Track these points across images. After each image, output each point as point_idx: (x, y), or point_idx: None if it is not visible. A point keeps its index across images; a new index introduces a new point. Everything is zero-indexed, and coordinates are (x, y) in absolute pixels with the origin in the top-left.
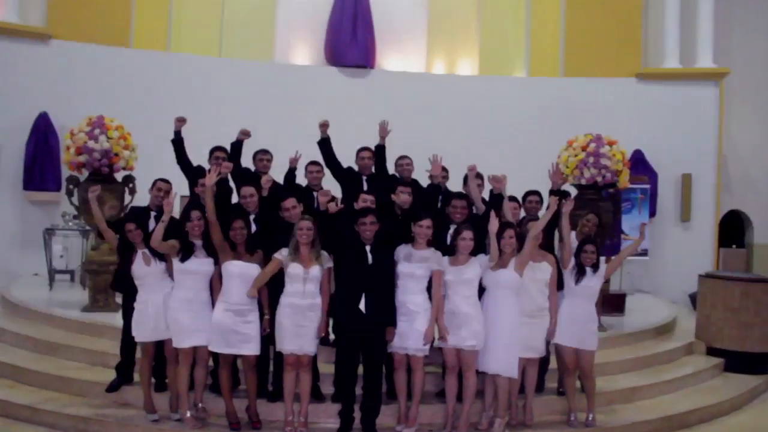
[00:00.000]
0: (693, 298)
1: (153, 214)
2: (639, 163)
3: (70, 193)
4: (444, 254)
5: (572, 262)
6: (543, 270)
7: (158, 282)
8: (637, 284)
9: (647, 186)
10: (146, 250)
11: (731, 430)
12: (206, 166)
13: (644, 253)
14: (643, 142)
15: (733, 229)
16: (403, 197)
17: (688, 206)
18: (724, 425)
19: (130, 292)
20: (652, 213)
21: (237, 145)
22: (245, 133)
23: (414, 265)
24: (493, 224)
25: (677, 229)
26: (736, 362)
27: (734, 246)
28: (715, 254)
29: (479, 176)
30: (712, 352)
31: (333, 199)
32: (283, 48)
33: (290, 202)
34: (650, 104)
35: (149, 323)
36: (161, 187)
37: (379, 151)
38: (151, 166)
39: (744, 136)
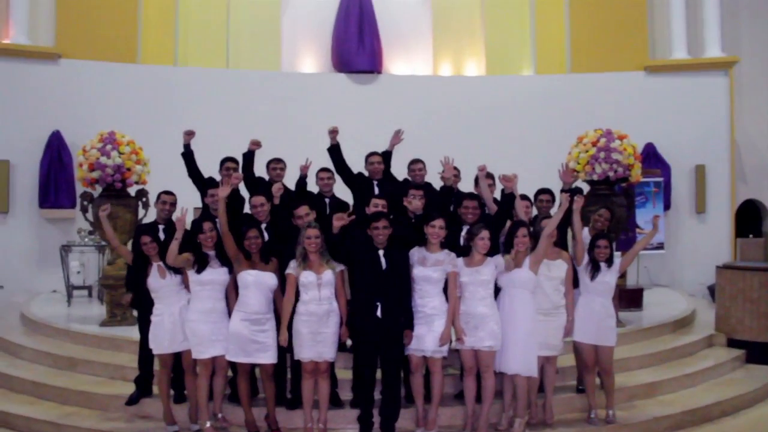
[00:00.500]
0: (711, 290)
1: (161, 227)
2: (651, 156)
3: (84, 210)
4: (457, 255)
5: (586, 258)
6: (558, 267)
7: (174, 294)
8: (654, 278)
9: (660, 179)
10: (161, 263)
11: (756, 422)
12: (217, 177)
13: (660, 246)
14: (655, 135)
15: (749, 218)
16: (415, 204)
17: (703, 197)
18: (748, 417)
19: (145, 306)
20: (667, 206)
21: (248, 156)
22: (256, 144)
23: (429, 269)
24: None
25: (693, 221)
26: (758, 353)
27: (751, 236)
28: (732, 245)
29: (490, 176)
30: (732, 344)
31: (349, 216)
32: (290, 57)
33: (303, 209)
34: (660, 96)
35: (166, 335)
36: (166, 200)
37: (385, 157)
38: (163, 180)
39: (757, 125)
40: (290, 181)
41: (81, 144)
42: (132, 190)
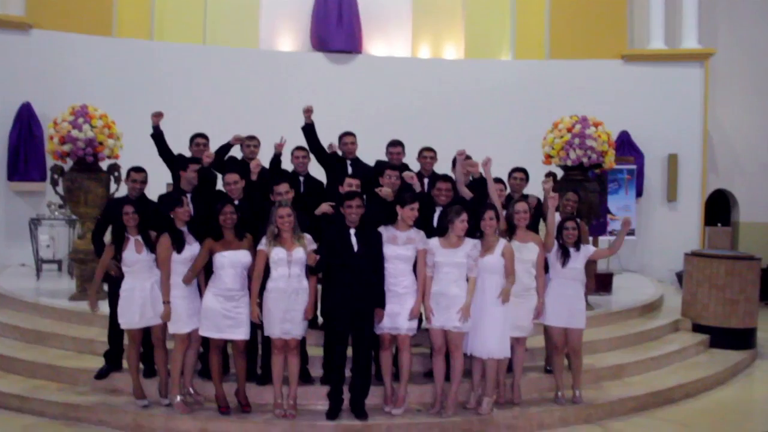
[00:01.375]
0: (680, 277)
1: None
2: (625, 144)
3: (54, 183)
4: (429, 236)
5: (555, 245)
6: (530, 250)
7: (147, 270)
8: (624, 264)
9: (634, 167)
10: (139, 237)
11: (716, 405)
12: (188, 153)
13: (631, 233)
14: (630, 123)
15: (719, 208)
16: (385, 191)
17: (675, 186)
18: (710, 399)
19: (116, 280)
20: (639, 193)
21: (225, 147)
22: (238, 140)
23: (401, 247)
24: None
25: (664, 209)
26: (721, 338)
27: (719, 224)
28: (701, 233)
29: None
30: (697, 328)
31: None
32: (269, 35)
33: (283, 187)
34: (636, 85)
35: (136, 310)
36: (136, 178)
37: (307, 131)
38: (136, 154)
39: (729, 116)
40: (266, 159)
41: (52, 116)
42: (104, 165)
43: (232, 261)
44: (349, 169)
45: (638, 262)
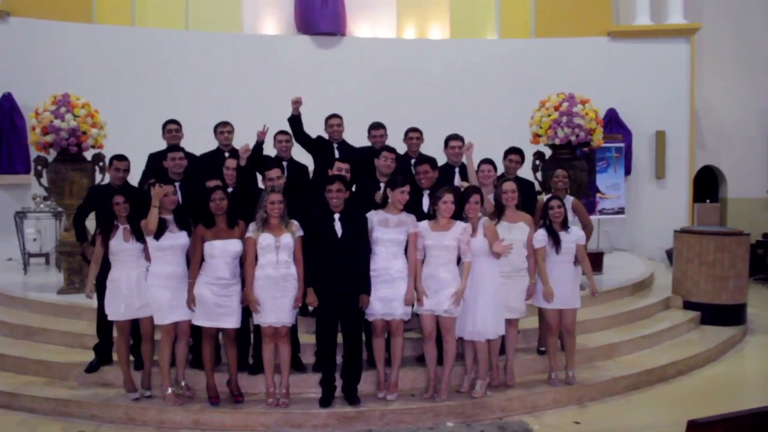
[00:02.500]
0: (669, 254)
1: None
2: (613, 122)
3: (38, 175)
4: (420, 219)
5: (543, 231)
6: (520, 230)
7: (134, 260)
8: (614, 242)
9: (622, 144)
10: (128, 227)
11: (708, 381)
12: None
13: (621, 211)
14: (617, 100)
15: (707, 184)
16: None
17: (663, 163)
18: (701, 376)
19: (104, 271)
20: (628, 171)
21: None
22: (264, 134)
23: (394, 230)
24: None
25: (652, 186)
26: (712, 315)
27: (708, 201)
28: (690, 210)
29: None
30: (688, 306)
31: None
32: (252, 18)
33: (275, 172)
34: (622, 62)
35: (122, 301)
36: (119, 167)
37: (293, 122)
38: (120, 143)
39: (716, 92)
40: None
41: (34, 106)
42: (88, 155)
43: (222, 250)
44: (336, 153)
45: (628, 241)
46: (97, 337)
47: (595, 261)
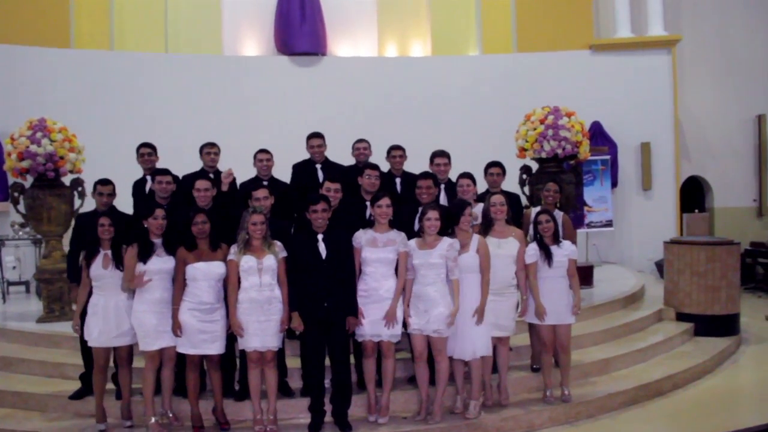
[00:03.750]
0: (659, 266)
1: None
2: (598, 135)
3: (15, 201)
4: (411, 238)
5: (535, 246)
6: (509, 245)
7: (114, 287)
8: (603, 256)
9: (608, 157)
10: (109, 252)
11: (705, 394)
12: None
13: (609, 224)
14: (601, 113)
15: (693, 195)
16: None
17: (649, 175)
18: (698, 389)
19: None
20: (614, 183)
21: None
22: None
23: (382, 250)
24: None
25: (639, 198)
26: (705, 326)
27: (696, 211)
28: (677, 221)
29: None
30: (681, 317)
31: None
32: (232, 40)
33: (262, 192)
34: (605, 75)
35: (96, 328)
36: (102, 191)
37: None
38: (100, 168)
39: (699, 103)
40: (230, 165)
41: (9, 132)
42: (66, 180)
43: (205, 273)
44: (320, 173)
45: (617, 254)
46: (84, 366)
47: (585, 275)
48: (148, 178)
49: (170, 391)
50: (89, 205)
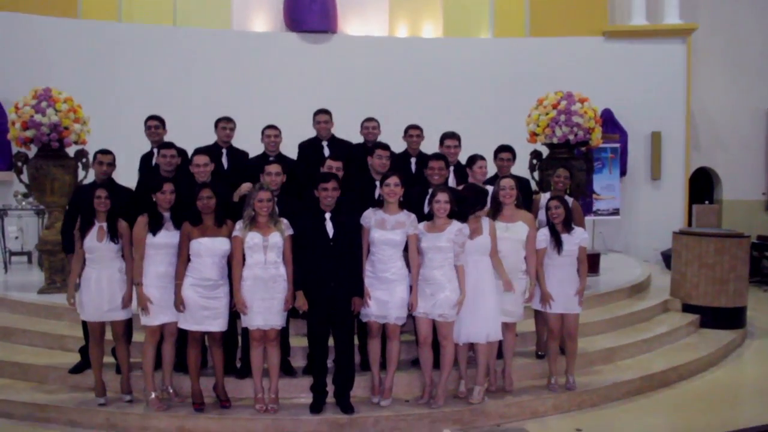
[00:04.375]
0: (665, 256)
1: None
2: (608, 122)
3: (18, 171)
4: (422, 221)
5: (546, 232)
6: (517, 229)
7: (107, 260)
8: (609, 244)
9: (617, 145)
10: (104, 225)
11: (710, 386)
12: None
13: (616, 212)
14: (612, 100)
15: (701, 186)
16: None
17: (658, 164)
18: (703, 381)
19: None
20: (623, 172)
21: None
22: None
23: (390, 232)
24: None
25: (648, 188)
26: (712, 318)
27: (707, 202)
28: (685, 211)
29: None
30: (687, 309)
31: None
32: (241, 15)
33: (275, 167)
34: (618, 62)
35: (90, 302)
36: (103, 160)
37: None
38: (104, 140)
39: (711, 93)
40: (240, 142)
41: (14, 101)
42: (71, 151)
43: (209, 248)
44: (326, 150)
45: (622, 242)
46: (84, 339)
47: (592, 263)
48: (155, 151)
49: (171, 366)
50: (93, 177)
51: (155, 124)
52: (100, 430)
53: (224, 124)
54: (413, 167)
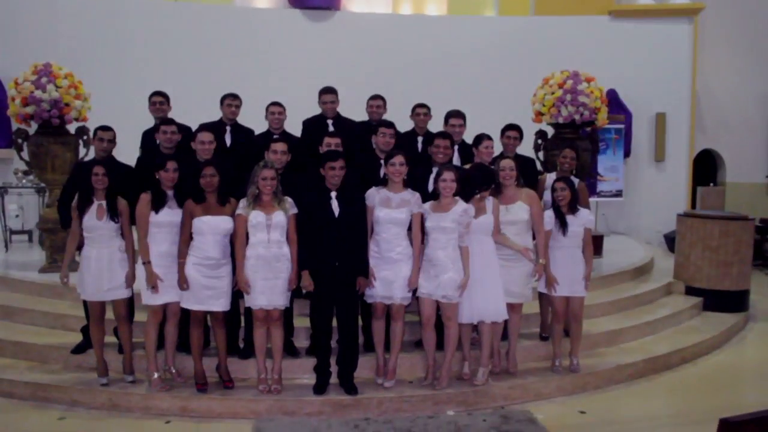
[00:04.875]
0: (667, 238)
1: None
2: (613, 103)
3: (19, 148)
4: (426, 200)
5: (551, 215)
6: (517, 210)
7: (106, 239)
8: (612, 226)
9: (621, 126)
10: (103, 203)
11: (713, 370)
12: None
13: (619, 194)
14: (617, 81)
15: (705, 168)
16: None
17: (662, 146)
18: (707, 364)
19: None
20: (627, 153)
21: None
22: None
23: (395, 211)
24: None
25: (651, 169)
26: (715, 301)
27: (712, 184)
28: (689, 194)
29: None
30: (690, 291)
31: None
32: None
33: (280, 146)
34: (623, 42)
35: (91, 282)
36: (103, 137)
37: None
38: (106, 117)
39: (716, 75)
40: (245, 119)
41: (14, 77)
42: (72, 128)
43: (211, 227)
44: (330, 128)
45: (625, 224)
46: (86, 318)
47: (596, 244)
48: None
49: (173, 346)
50: (94, 154)
51: (160, 100)
52: (102, 410)
53: (230, 101)
54: (419, 146)
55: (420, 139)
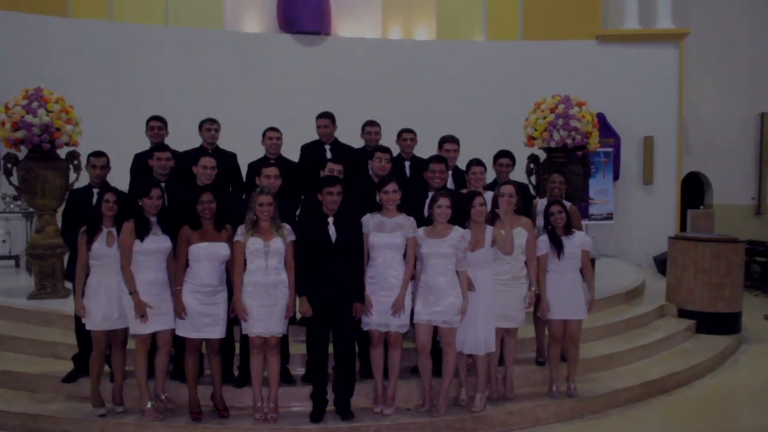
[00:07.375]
0: (657, 261)
1: (95, 191)
2: (601, 126)
3: (8, 173)
4: (421, 225)
5: (545, 237)
6: (518, 235)
7: (115, 266)
8: (601, 249)
9: (610, 149)
10: (113, 230)
11: (709, 393)
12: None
13: (609, 216)
14: (605, 105)
15: (692, 191)
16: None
17: (651, 169)
18: (702, 387)
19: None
20: (616, 176)
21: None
22: None
23: (389, 235)
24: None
25: (640, 192)
26: (708, 323)
27: (702, 207)
28: (678, 216)
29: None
30: (683, 314)
31: None
32: (233, 15)
33: (273, 170)
34: (611, 66)
35: (100, 310)
36: (96, 164)
37: None
38: (96, 142)
39: (702, 98)
40: (229, 144)
41: (4, 101)
42: (62, 153)
43: (208, 253)
44: (328, 154)
45: (615, 247)
46: (78, 346)
47: None
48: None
49: (164, 376)
50: (85, 179)
51: (158, 125)
52: None
53: (209, 125)
54: (407, 171)
55: (407, 163)
